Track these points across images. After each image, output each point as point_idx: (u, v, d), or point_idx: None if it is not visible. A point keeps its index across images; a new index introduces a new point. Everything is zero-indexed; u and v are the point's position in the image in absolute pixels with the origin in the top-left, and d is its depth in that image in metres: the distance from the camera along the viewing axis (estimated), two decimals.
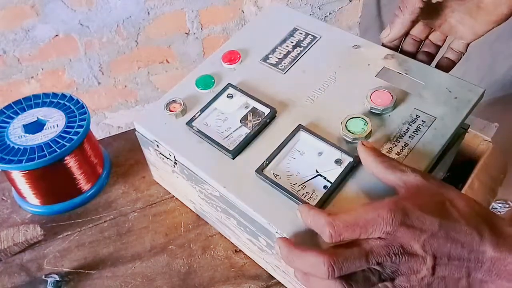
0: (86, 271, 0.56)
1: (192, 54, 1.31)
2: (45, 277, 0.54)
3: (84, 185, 0.63)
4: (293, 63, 0.56)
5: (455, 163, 0.61)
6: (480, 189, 0.75)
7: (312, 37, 0.58)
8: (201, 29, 1.26)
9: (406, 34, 0.55)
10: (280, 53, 0.57)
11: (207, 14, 1.24)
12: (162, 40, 1.25)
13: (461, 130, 0.53)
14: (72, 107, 0.62)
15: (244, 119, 0.51)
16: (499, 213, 1.28)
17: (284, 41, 0.58)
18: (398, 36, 0.54)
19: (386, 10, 1.40)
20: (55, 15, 1.10)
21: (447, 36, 0.55)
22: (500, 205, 1.31)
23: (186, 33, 1.26)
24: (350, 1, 1.36)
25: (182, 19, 1.23)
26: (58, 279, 0.53)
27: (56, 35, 1.14)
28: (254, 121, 0.51)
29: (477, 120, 0.71)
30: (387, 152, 0.46)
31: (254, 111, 0.52)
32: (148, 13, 1.18)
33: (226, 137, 0.50)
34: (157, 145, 0.54)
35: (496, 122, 0.72)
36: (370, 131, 0.46)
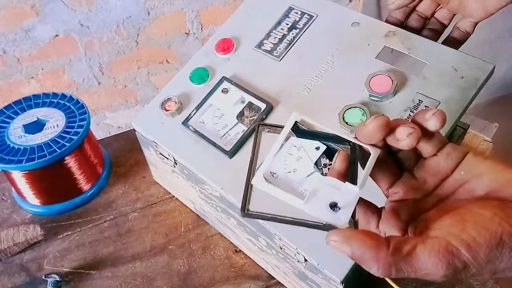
0: (86, 271, 0.56)
1: (192, 54, 1.31)
2: (45, 277, 0.54)
3: (84, 185, 0.63)
4: (288, 48, 0.53)
5: None
6: None
7: (308, 17, 0.55)
8: (201, 29, 1.26)
9: (414, 8, 0.52)
10: (275, 37, 0.55)
11: (207, 14, 1.24)
12: (162, 40, 1.25)
13: (461, 130, 0.52)
14: (72, 107, 0.62)
15: (240, 115, 0.50)
16: None
17: (279, 23, 0.56)
18: (408, 2, 0.50)
19: (386, 10, 1.40)
20: (55, 15, 1.10)
21: (453, 15, 0.52)
22: None
23: (186, 33, 1.26)
24: (350, 1, 1.36)
25: (182, 19, 1.23)
26: (58, 279, 0.53)
27: (56, 35, 1.14)
28: (250, 116, 0.50)
29: (477, 120, 0.71)
30: None
31: (250, 106, 0.51)
32: (148, 13, 1.18)
33: (223, 135, 0.50)
34: (156, 146, 0.54)
35: (496, 122, 0.72)
36: None
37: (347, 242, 0.26)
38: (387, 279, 0.51)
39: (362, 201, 0.31)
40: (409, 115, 0.45)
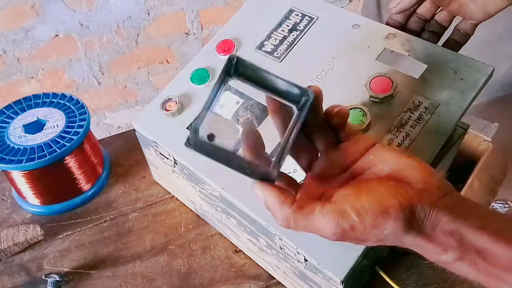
0: (86, 271, 0.56)
1: (192, 54, 1.30)
2: (45, 277, 0.54)
3: (84, 185, 0.63)
4: (289, 50, 0.54)
5: (455, 163, 0.61)
6: (480, 189, 0.75)
7: (309, 19, 0.55)
8: (201, 29, 1.26)
9: (414, 11, 0.52)
10: (276, 38, 0.55)
11: (207, 14, 1.24)
12: (162, 40, 1.25)
13: (461, 130, 0.52)
14: (72, 107, 0.62)
15: (236, 115, 0.50)
16: None
17: (280, 24, 0.56)
18: (410, 6, 0.50)
19: (386, 10, 1.40)
20: (55, 15, 1.10)
21: (453, 17, 0.52)
22: (500, 205, 1.31)
23: (186, 33, 1.26)
24: (350, 1, 1.36)
25: (182, 19, 1.23)
26: (58, 279, 0.53)
27: (56, 35, 1.14)
28: (245, 116, 0.50)
29: (477, 120, 0.71)
30: (387, 144, 0.44)
31: (246, 106, 0.51)
32: (148, 13, 1.18)
33: None
34: (156, 146, 0.54)
35: (496, 122, 0.72)
36: (369, 122, 0.45)
37: (263, 191, 0.33)
38: (387, 279, 0.52)
39: (283, 175, 0.36)
40: (409, 116, 0.45)
